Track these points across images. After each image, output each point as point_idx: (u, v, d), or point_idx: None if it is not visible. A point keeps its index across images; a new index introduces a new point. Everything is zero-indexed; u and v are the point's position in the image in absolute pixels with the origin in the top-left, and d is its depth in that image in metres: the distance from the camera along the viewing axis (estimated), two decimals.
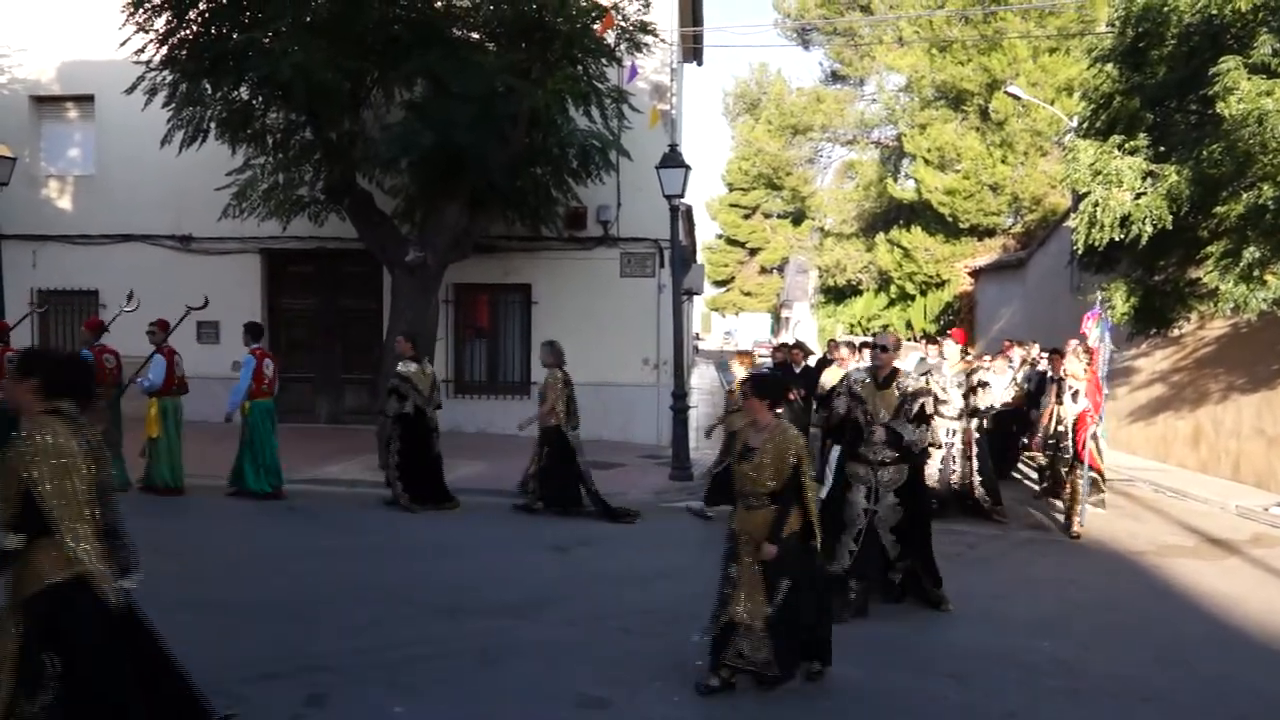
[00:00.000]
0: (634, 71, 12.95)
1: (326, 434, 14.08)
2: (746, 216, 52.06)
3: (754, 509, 4.79)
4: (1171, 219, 10.01)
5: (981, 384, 10.83)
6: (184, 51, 10.65)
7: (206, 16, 10.54)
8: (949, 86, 24.95)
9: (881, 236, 28.74)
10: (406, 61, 10.85)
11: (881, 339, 6.63)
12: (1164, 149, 10.54)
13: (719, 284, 59.76)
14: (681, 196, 11.57)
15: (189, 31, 10.63)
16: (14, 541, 3.27)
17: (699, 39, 19.40)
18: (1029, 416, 12.03)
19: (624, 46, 11.97)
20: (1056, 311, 17.53)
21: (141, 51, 10.82)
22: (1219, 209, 9.73)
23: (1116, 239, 10.42)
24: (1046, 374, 11.62)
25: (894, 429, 6.19)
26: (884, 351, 6.40)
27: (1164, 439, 14.21)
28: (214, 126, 11.35)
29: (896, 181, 28.66)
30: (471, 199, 11.89)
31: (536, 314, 14.66)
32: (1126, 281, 11.50)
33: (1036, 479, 11.60)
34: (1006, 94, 22.70)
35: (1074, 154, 11.06)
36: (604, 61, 11.80)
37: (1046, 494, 10.57)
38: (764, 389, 4.92)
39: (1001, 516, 9.45)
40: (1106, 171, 10.41)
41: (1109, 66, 11.37)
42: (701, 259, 41.29)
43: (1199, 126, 10.47)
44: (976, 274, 25.63)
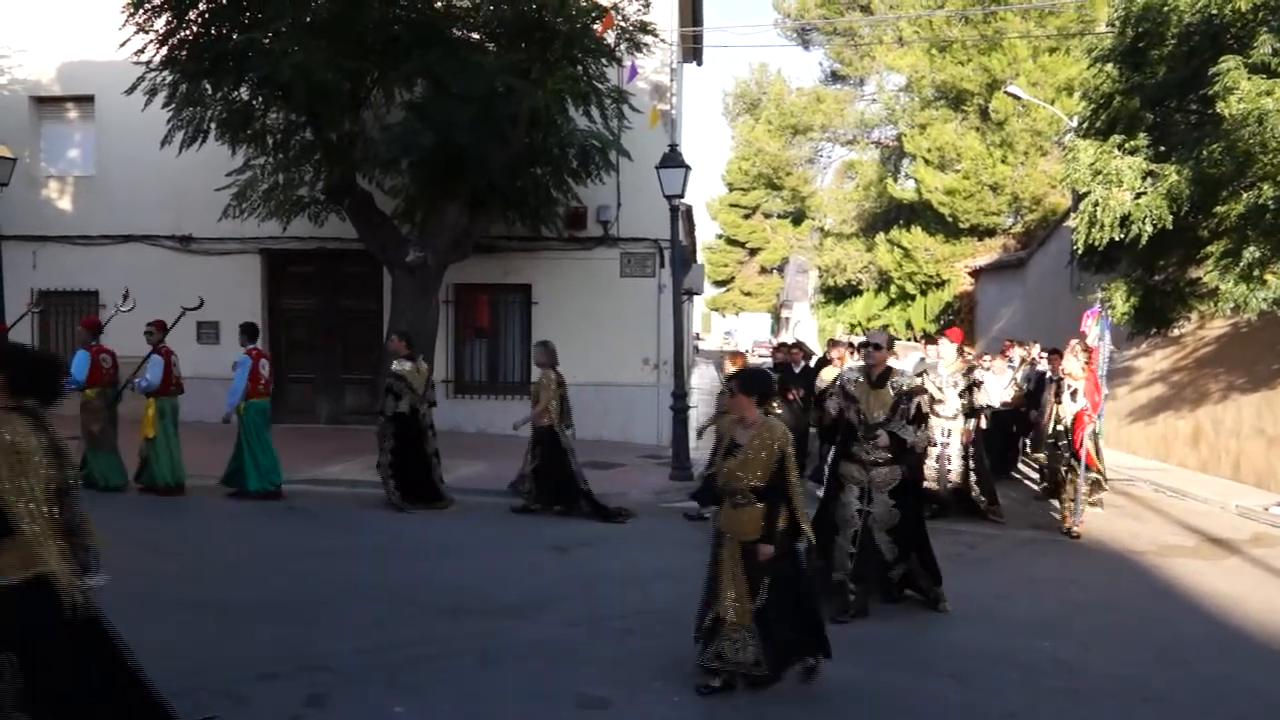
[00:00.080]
0: (634, 71, 12.96)
1: (327, 434, 14.07)
2: (746, 216, 52.06)
3: (739, 506, 4.76)
4: (1171, 219, 10.00)
5: (976, 383, 10.84)
6: (184, 52, 10.66)
7: (206, 17, 10.55)
8: (949, 86, 24.97)
9: (881, 236, 28.76)
10: (406, 62, 10.85)
11: (874, 337, 6.52)
12: (1164, 149, 10.54)
13: (719, 284, 59.77)
14: (681, 196, 11.55)
15: (189, 32, 10.64)
16: None
17: (699, 39, 19.40)
18: (1029, 417, 12.06)
19: (624, 46, 11.98)
20: (1057, 311, 17.54)
21: (141, 52, 10.83)
22: (1219, 209, 9.72)
23: (1116, 239, 10.41)
24: (1045, 374, 11.63)
25: (897, 434, 6.15)
26: (877, 350, 6.31)
27: (1164, 439, 14.21)
28: (214, 127, 11.36)
29: (896, 181, 28.67)
30: (472, 199, 11.90)
31: (537, 314, 14.65)
32: (1127, 281, 11.49)
33: (1037, 479, 11.61)
34: (1006, 94, 22.70)
35: (1074, 154, 11.05)
36: (604, 61, 11.81)
37: (1047, 494, 10.56)
38: (750, 386, 4.86)
39: (997, 516, 9.43)
40: (1106, 171, 10.40)
41: (1109, 66, 11.36)
42: (701, 259, 41.29)
43: (1199, 126, 10.47)
44: (977, 274, 25.63)
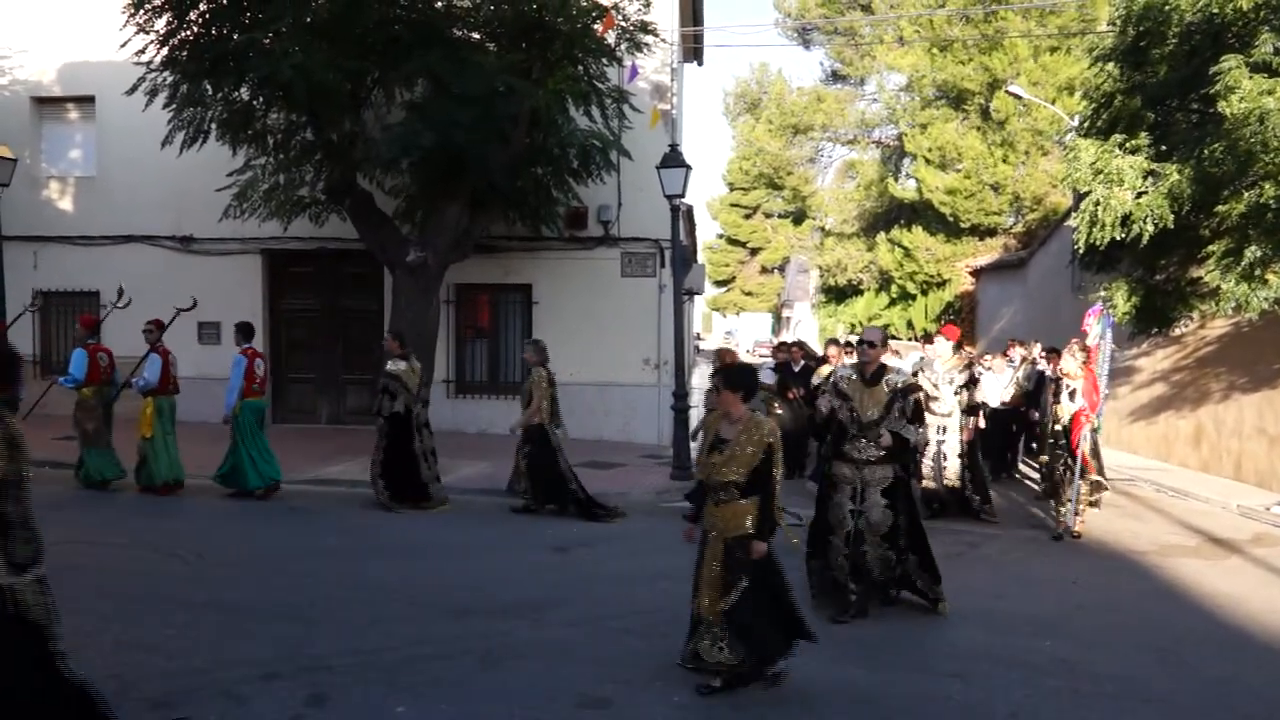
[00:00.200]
0: (634, 71, 12.96)
1: (327, 434, 14.09)
2: (747, 216, 52.09)
3: (723, 503, 4.77)
4: (1173, 218, 9.98)
5: (973, 380, 10.82)
6: (184, 52, 10.66)
7: (207, 17, 10.55)
8: (950, 86, 24.97)
9: (882, 236, 28.76)
10: (407, 62, 10.85)
11: (868, 335, 6.45)
12: (1165, 148, 10.52)
13: (720, 284, 59.81)
14: (682, 196, 11.55)
15: (189, 32, 10.64)
16: None
17: (699, 39, 19.39)
18: (1028, 416, 12.03)
19: (624, 46, 11.96)
20: (1058, 311, 17.53)
21: (142, 52, 10.84)
22: (1220, 208, 9.71)
23: (1118, 238, 10.39)
24: (1045, 373, 11.61)
25: (898, 433, 6.13)
26: (870, 347, 6.27)
27: (1165, 438, 14.19)
28: (214, 127, 11.37)
29: (897, 181, 28.67)
30: (472, 199, 11.89)
31: (537, 314, 14.65)
32: (1128, 281, 11.48)
33: (1038, 479, 11.58)
34: (1007, 93, 22.70)
35: (1075, 153, 11.04)
36: (604, 61, 11.80)
37: (1047, 494, 10.54)
38: (736, 381, 4.84)
39: (990, 516, 9.39)
40: (1108, 171, 10.39)
41: (1110, 65, 11.35)
42: (702, 259, 41.31)
43: (1200, 125, 10.45)
44: (977, 273, 25.62)
